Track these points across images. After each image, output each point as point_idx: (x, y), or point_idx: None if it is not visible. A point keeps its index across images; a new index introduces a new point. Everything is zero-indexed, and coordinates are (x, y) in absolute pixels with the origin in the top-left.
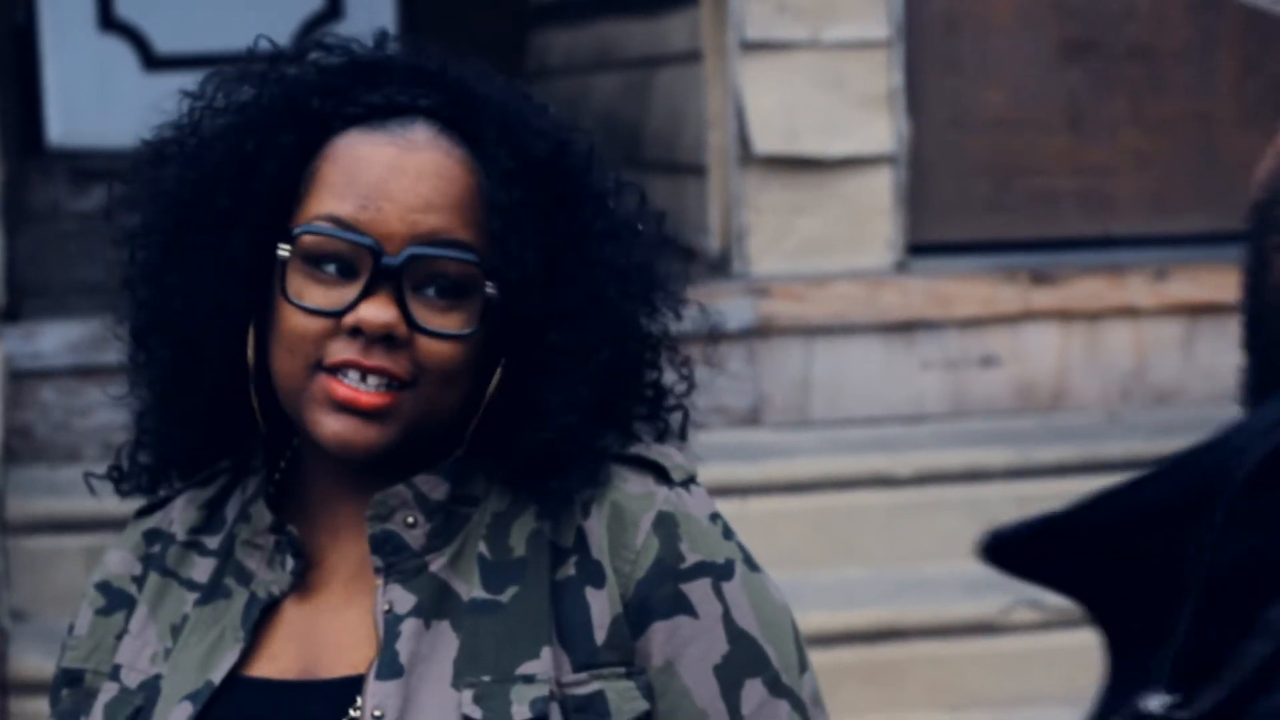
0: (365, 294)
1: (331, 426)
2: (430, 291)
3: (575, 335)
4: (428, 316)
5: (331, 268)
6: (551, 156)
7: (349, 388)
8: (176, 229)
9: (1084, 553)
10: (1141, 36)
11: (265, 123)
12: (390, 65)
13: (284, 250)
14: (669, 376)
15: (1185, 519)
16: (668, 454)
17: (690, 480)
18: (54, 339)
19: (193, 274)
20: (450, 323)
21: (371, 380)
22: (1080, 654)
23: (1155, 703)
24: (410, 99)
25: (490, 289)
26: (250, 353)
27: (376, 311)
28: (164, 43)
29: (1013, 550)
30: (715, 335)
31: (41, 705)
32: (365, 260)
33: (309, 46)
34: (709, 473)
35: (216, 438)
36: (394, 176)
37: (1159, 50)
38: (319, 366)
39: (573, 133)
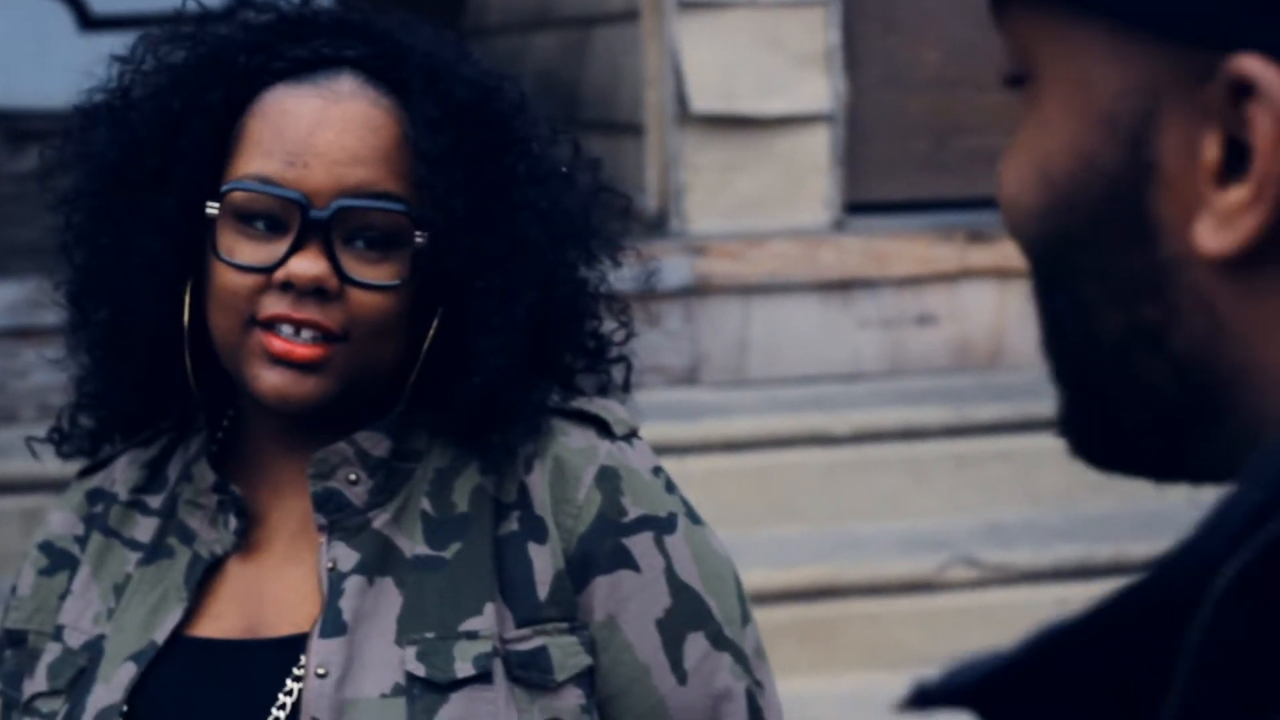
0: (295, 248)
1: (269, 380)
2: (360, 244)
3: (501, 280)
4: (358, 268)
5: (261, 224)
6: (478, 103)
7: (284, 341)
8: (108, 191)
9: (1043, 690)
10: None
11: (193, 82)
12: (316, 19)
13: (213, 208)
14: (609, 326)
15: (1155, 647)
16: (610, 408)
17: (633, 434)
18: None
19: (125, 235)
20: (380, 274)
21: (305, 333)
22: (1015, 612)
23: None
24: (336, 51)
25: (420, 238)
26: (186, 312)
27: (306, 265)
28: (100, 3)
29: (956, 694)
30: (653, 294)
31: None
32: (294, 215)
33: (238, 5)
34: (647, 431)
35: (157, 398)
36: (320, 130)
37: None
38: (253, 321)
39: (502, 80)
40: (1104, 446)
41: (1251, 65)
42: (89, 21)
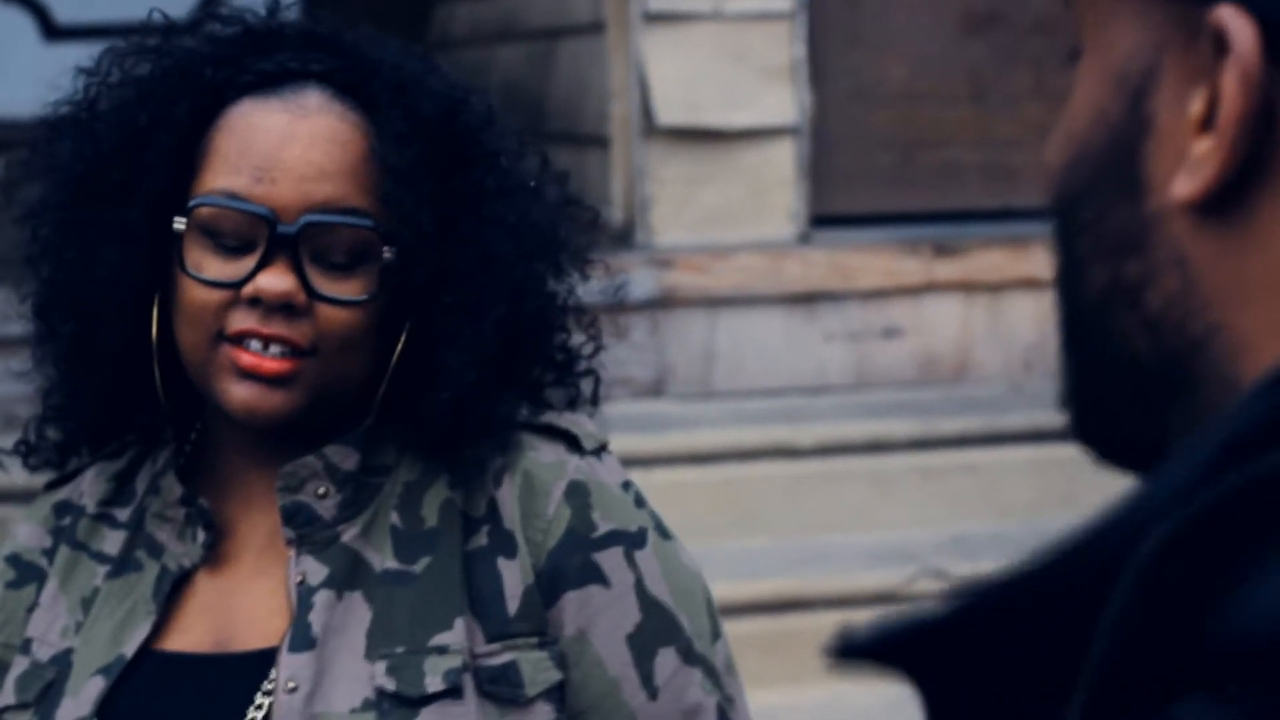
0: (262, 264)
1: (237, 394)
2: (327, 259)
3: (469, 294)
4: (326, 284)
5: (228, 239)
6: (444, 116)
7: (253, 355)
8: (73, 204)
9: (965, 652)
10: (1045, 9)
11: (159, 95)
12: (283, 32)
13: (180, 223)
14: (577, 340)
15: (1080, 609)
16: (579, 422)
17: (602, 448)
18: None
19: (91, 248)
20: (348, 289)
21: (273, 348)
22: None
23: None
24: (302, 64)
25: (387, 254)
26: (154, 326)
27: (274, 281)
28: (64, 12)
29: (880, 648)
30: (620, 307)
31: None
32: (261, 230)
33: (204, 18)
34: (613, 444)
35: (124, 411)
36: (287, 144)
37: (1062, 23)
38: (221, 336)
39: (469, 93)
40: (1094, 423)
41: (1223, 15)
42: (53, 31)
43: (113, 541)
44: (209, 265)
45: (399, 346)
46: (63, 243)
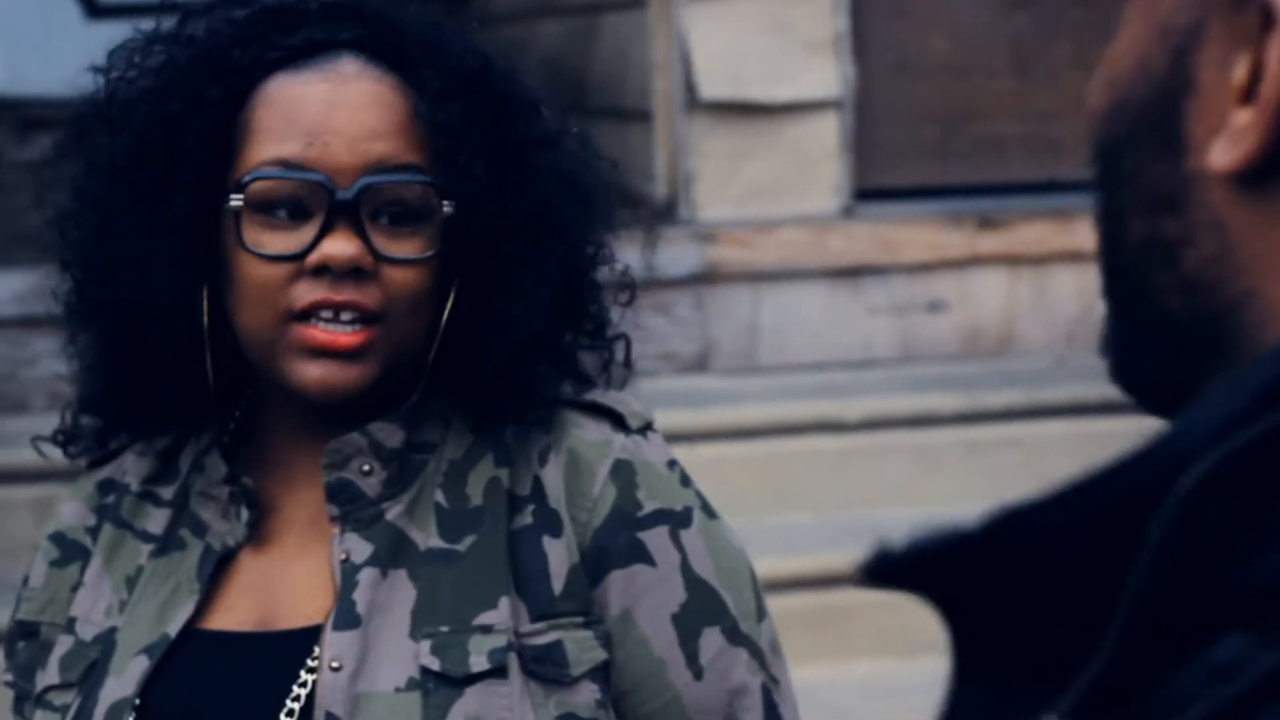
0: (324, 231)
1: (313, 372)
2: (386, 219)
3: (528, 243)
4: (389, 244)
5: (283, 212)
6: (479, 72)
7: (325, 332)
8: (115, 199)
9: (997, 572)
10: None
11: (188, 81)
12: (303, 7)
13: (236, 200)
14: (607, 303)
15: (1114, 538)
16: (624, 401)
17: (647, 427)
18: (0, 289)
19: (139, 241)
20: (412, 247)
21: (345, 316)
22: None
23: None
24: (330, 35)
25: (447, 208)
26: (204, 313)
27: (341, 246)
28: None
29: (910, 567)
30: (661, 281)
31: None
32: (319, 197)
33: (215, 2)
34: (657, 419)
35: (169, 399)
36: (333, 110)
37: None
38: (289, 315)
39: (494, 51)
40: (1131, 372)
41: None
42: (96, 10)
43: (157, 520)
44: (267, 240)
45: (449, 303)
46: (108, 240)
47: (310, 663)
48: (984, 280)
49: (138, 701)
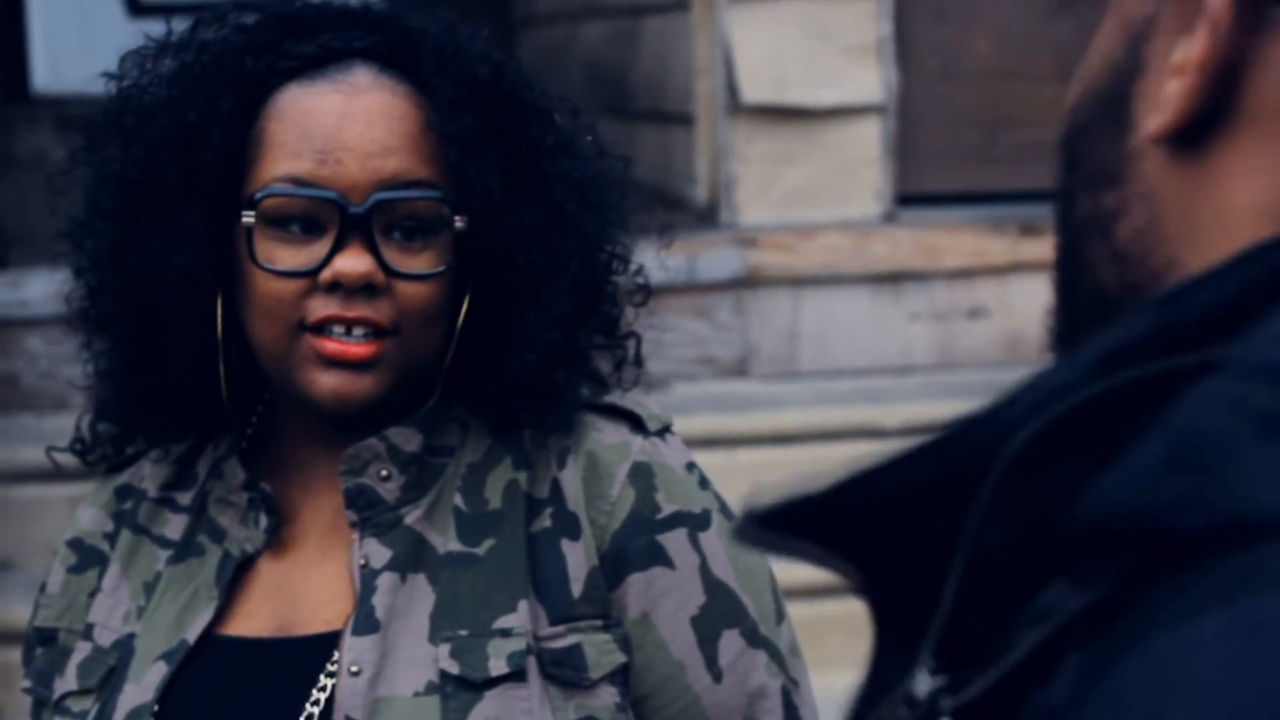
0: (337, 247)
1: (325, 383)
2: (397, 234)
3: (544, 254)
4: (401, 260)
5: (296, 226)
6: (492, 79)
7: (337, 342)
8: (129, 210)
9: (849, 528)
10: None
11: (202, 90)
12: (316, 13)
13: (248, 216)
14: (621, 304)
15: (952, 497)
16: (642, 403)
17: (665, 429)
18: (40, 287)
19: (153, 252)
20: (424, 263)
21: (357, 331)
22: None
23: (922, 686)
24: (344, 43)
25: (459, 222)
26: (219, 324)
27: (353, 262)
28: None
29: (772, 524)
30: (700, 285)
31: None
32: (331, 214)
33: (230, 9)
34: (696, 424)
35: (184, 409)
36: (345, 124)
37: None
38: (301, 327)
39: (507, 56)
40: (1066, 347)
41: None
42: (137, 7)
43: (174, 526)
44: (280, 255)
45: (461, 314)
46: (123, 250)
47: (329, 668)
48: (1025, 287)
49: (156, 708)
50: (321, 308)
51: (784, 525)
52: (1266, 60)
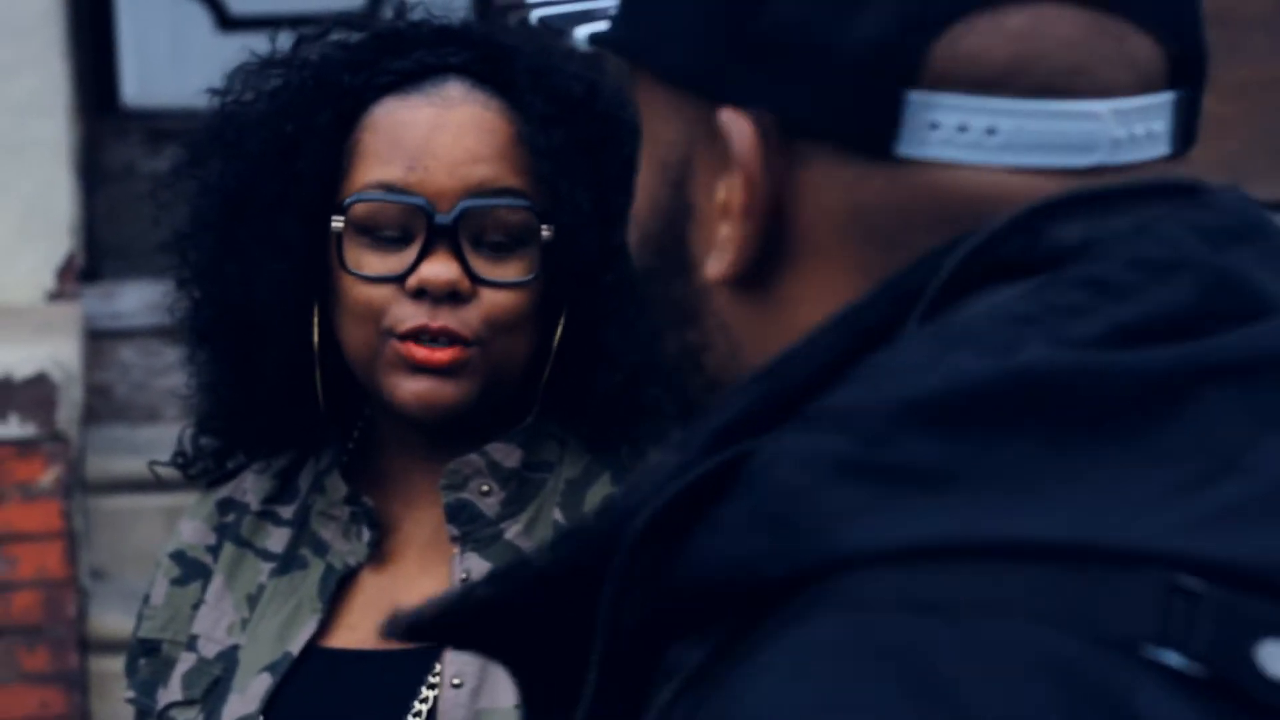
0: (424, 254)
1: (411, 388)
2: (485, 244)
3: (629, 271)
4: (487, 269)
5: (385, 234)
6: (585, 97)
7: (424, 349)
8: (229, 221)
9: (502, 621)
10: (1216, 3)
11: (301, 105)
12: (414, 31)
13: (338, 222)
14: None
15: (586, 586)
16: None
17: None
18: (133, 299)
19: (251, 263)
20: (510, 272)
21: (441, 340)
22: None
23: None
24: (439, 59)
25: (546, 233)
26: (315, 332)
27: (439, 269)
28: (238, 3)
29: (434, 625)
30: None
31: (120, 663)
32: (419, 221)
33: (332, 26)
34: None
35: (285, 420)
36: (436, 134)
37: (1234, 17)
38: (389, 333)
39: (601, 73)
40: None
41: (724, 118)
42: (226, 21)
43: (277, 539)
44: (369, 262)
45: (559, 330)
46: (221, 261)
47: (431, 680)
48: None
49: (261, 718)
50: (409, 318)
51: (428, 634)
52: (804, 191)
